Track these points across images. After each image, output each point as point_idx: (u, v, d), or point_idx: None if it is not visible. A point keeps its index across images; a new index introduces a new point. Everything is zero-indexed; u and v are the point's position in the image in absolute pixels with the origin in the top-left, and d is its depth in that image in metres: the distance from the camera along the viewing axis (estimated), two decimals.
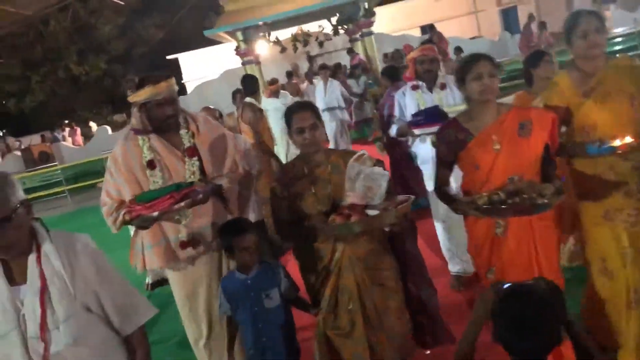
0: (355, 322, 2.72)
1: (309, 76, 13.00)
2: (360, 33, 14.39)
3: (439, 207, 4.16)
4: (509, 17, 28.00)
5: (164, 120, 2.95)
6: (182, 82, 28.39)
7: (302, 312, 2.94)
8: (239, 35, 13.61)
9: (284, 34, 16.76)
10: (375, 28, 16.59)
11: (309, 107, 2.86)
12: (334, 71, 11.18)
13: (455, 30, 24.79)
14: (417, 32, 26.26)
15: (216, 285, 2.99)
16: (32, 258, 1.94)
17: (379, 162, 2.73)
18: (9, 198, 1.85)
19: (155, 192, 2.80)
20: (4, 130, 34.74)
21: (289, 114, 2.80)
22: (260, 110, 5.83)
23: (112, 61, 32.60)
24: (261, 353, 2.76)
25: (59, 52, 30.02)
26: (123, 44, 33.32)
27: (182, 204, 2.73)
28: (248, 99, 5.83)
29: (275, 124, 6.86)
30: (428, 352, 3.00)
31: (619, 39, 15.34)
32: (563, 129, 2.81)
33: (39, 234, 1.98)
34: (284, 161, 6.46)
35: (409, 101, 4.27)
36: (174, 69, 28.45)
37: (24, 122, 32.14)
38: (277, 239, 4.30)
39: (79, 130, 21.28)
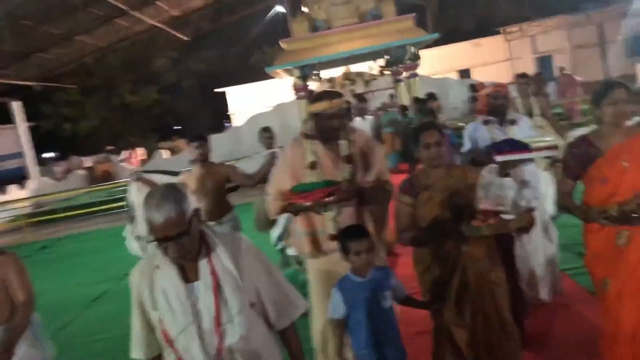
0: (476, 316, 2.92)
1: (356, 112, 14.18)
2: (405, 75, 15.54)
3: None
4: (543, 65, 29.00)
5: (330, 130, 3.30)
6: (228, 113, 29.98)
7: None
8: (296, 72, 14.88)
9: (335, 73, 18.09)
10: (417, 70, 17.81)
11: (435, 126, 3.15)
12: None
13: (492, 75, 25.84)
14: (454, 76, 27.49)
15: None
16: (203, 262, 2.03)
17: (506, 175, 3.02)
18: (186, 212, 1.93)
19: (308, 185, 3.17)
20: (57, 153, 36.72)
21: (418, 131, 3.10)
22: None
23: (163, 91, 34.50)
24: (376, 352, 2.83)
25: (114, 81, 31.90)
26: (174, 76, 35.32)
27: (331, 198, 3.06)
28: None
29: None
30: None
31: None
32: None
33: (207, 236, 2.07)
34: None
35: (481, 134, 4.44)
36: (222, 102, 30.13)
37: (77, 145, 34.05)
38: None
39: (134, 153, 22.79)
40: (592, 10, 26.26)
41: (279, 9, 25.23)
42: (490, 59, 29.21)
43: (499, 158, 4.06)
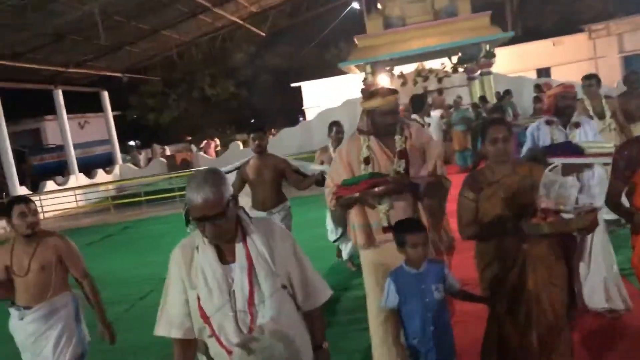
0: (530, 316, 2.90)
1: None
2: (479, 72, 15.39)
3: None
4: (632, 64, 27.59)
5: (384, 126, 3.36)
6: (303, 108, 30.58)
7: None
8: (368, 68, 15.11)
9: (407, 69, 18.15)
10: (492, 68, 17.56)
11: (503, 122, 3.15)
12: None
13: (574, 75, 24.88)
14: (533, 75, 26.70)
15: None
16: (239, 241, 2.11)
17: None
18: (224, 195, 2.01)
19: (355, 178, 3.27)
20: (137, 141, 38.83)
21: (486, 126, 3.08)
22: (423, 125, 7.25)
23: (240, 86, 35.68)
24: (428, 341, 2.88)
25: (194, 75, 33.30)
26: (251, 71, 36.43)
27: (376, 189, 3.12)
28: (414, 115, 7.30)
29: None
30: None
31: None
32: None
33: (243, 221, 2.15)
34: None
35: (542, 135, 4.40)
36: (297, 96, 30.78)
37: (158, 135, 35.85)
38: None
39: (213, 144, 23.79)
40: None
41: (355, 5, 25.47)
42: (572, 58, 28.06)
43: (552, 160, 3.92)
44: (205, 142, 24.28)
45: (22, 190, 16.87)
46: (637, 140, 2.97)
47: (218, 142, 26.91)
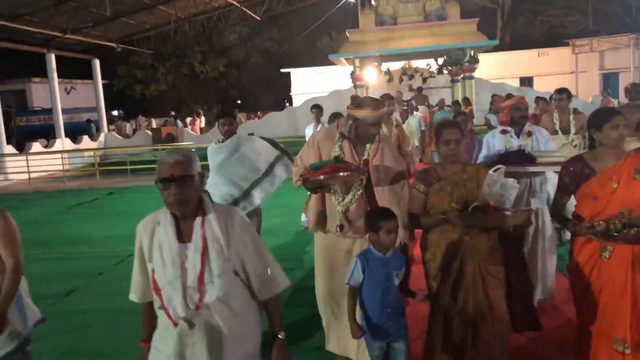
0: (468, 303, 3.17)
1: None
2: (462, 76, 16.07)
3: None
4: (609, 81, 28.60)
5: (367, 136, 3.53)
6: (290, 94, 31.08)
7: None
8: (357, 62, 15.68)
9: (394, 66, 18.78)
10: (475, 73, 18.25)
11: (456, 125, 3.36)
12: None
13: (555, 86, 25.69)
14: (516, 82, 27.52)
15: (345, 261, 3.50)
16: (197, 222, 2.21)
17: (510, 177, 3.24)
18: (193, 163, 2.20)
19: (321, 162, 3.48)
20: (120, 111, 38.88)
21: (440, 128, 3.30)
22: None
23: (230, 65, 35.93)
24: (385, 321, 3.08)
25: (185, 50, 33.40)
26: (242, 52, 36.69)
27: (340, 173, 3.31)
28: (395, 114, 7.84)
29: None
30: None
31: None
32: None
33: (205, 203, 2.26)
34: None
35: (497, 143, 4.71)
36: (286, 82, 31.24)
37: (143, 107, 36.00)
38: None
39: (198, 121, 24.19)
40: None
41: None
42: (555, 70, 28.99)
43: (503, 168, 4.20)
44: (191, 118, 24.66)
45: (9, 150, 17.15)
46: (581, 159, 3.17)
47: (203, 120, 27.28)
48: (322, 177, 3.36)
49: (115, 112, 37.36)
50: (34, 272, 6.51)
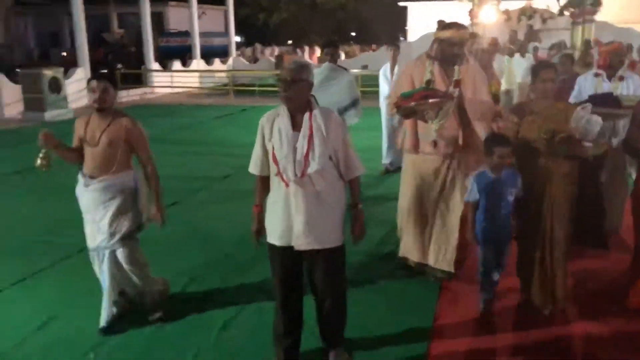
0: (543, 216, 3.60)
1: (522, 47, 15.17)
2: (583, 19, 15.95)
3: None
4: None
5: (451, 55, 3.86)
6: (406, 28, 31.36)
7: None
8: (476, 0, 16.08)
9: (514, 5, 18.82)
10: (602, 16, 17.74)
11: (553, 66, 3.73)
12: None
13: None
14: None
15: (433, 178, 4.04)
16: (306, 116, 2.87)
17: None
18: (302, 74, 2.81)
19: (412, 91, 3.78)
20: (243, 37, 41.00)
21: (538, 68, 3.62)
22: None
23: None
24: (495, 230, 3.59)
25: None
26: None
27: (430, 100, 3.65)
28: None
29: None
30: None
31: None
32: None
33: (312, 104, 2.91)
34: None
35: (589, 85, 5.01)
36: (403, 16, 31.50)
37: (265, 35, 37.88)
38: None
39: (317, 51, 25.56)
40: None
41: None
42: None
43: (589, 105, 4.34)
44: (309, 48, 26.06)
45: (156, 66, 19.59)
46: None
47: (319, 51, 28.53)
48: (413, 104, 3.73)
49: (237, 39, 39.46)
50: (194, 165, 8.49)
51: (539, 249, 3.65)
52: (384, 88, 7.56)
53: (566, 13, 17.52)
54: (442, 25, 3.99)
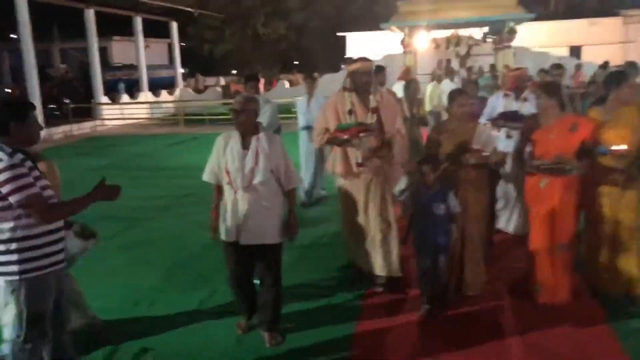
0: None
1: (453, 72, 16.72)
2: (502, 45, 17.71)
3: None
4: None
5: (362, 84, 4.34)
6: (345, 57, 32.90)
7: None
8: (406, 30, 17.57)
9: (441, 34, 20.51)
10: (523, 41, 19.63)
11: (466, 93, 4.49)
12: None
13: (603, 56, 26.57)
14: (565, 51, 28.49)
15: (368, 198, 4.44)
16: (254, 138, 3.59)
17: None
18: (249, 104, 3.58)
19: (348, 124, 4.32)
20: (186, 68, 41.52)
21: (454, 94, 4.32)
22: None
23: (290, 28, 37.95)
24: (428, 241, 4.05)
25: (250, 12, 35.47)
26: (302, 16, 38.58)
27: (363, 134, 4.23)
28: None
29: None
30: None
31: None
32: None
33: (259, 128, 3.64)
34: None
35: (499, 104, 5.85)
36: (342, 45, 33.08)
37: (209, 66, 38.65)
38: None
39: (262, 81, 26.58)
40: None
41: None
42: (604, 40, 29.54)
43: (489, 123, 5.56)
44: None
45: (105, 99, 20.11)
46: (534, 116, 4.45)
47: (263, 80, 29.51)
48: (346, 137, 4.30)
49: (181, 70, 39.90)
50: (154, 187, 9.14)
51: (456, 244, 4.26)
52: (302, 119, 7.52)
53: (489, 40, 19.34)
54: (351, 61, 4.57)
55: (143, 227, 6.84)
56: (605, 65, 14.57)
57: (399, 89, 9.25)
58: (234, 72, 34.08)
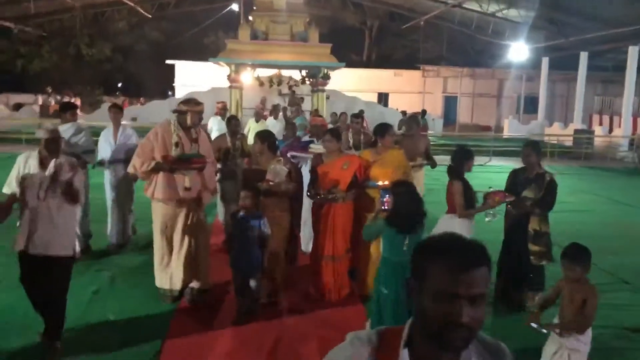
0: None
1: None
2: (317, 87, 19.73)
3: None
4: (449, 102, 34.27)
5: (192, 122, 4.97)
6: (174, 85, 33.16)
7: None
8: (233, 67, 18.74)
9: (266, 73, 22.11)
10: (337, 85, 21.94)
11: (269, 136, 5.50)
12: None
13: (406, 103, 30.48)
14: (374, 96, 32.13)
15: (187, 219, 4.99)
16: (53, 161, 3.93)
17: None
18: (55, 134, 4.04)
19: (188, 155, 4.90)
20: None
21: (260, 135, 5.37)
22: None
23: (116, 51, 37.06)
24: (242, 259, 4.66)
25: (73, 31, 33.91)
26: (129, 39, 37.98)
27: (197, 165, 4.95)
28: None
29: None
30: None
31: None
32: None
33: (61, 152, 4.06)
34: None
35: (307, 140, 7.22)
36: (170, 73, 33.25)
37: (25, 82, 35.89)
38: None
39: (78, 101, 25.82)
40: (495, 68, 31.56)
41: (234, 7, 29.10)
42: (407, 89, 33.86)
43: (281, 159, 5.70)
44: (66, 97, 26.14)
45: None
46: (319, 154, 5.59)
47: (79, 101, 28.19)
48: (197, 165, 4.98)
49: None
50: None
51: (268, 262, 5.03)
52: (106, 150, 6.85)
53: (307, 82, 21.29)
54: (181, 101, 5.16)
55: None
56: (404, 112, 17.31)
57: (215, 122, 10.38)
58: (49, 89, 32.06)
